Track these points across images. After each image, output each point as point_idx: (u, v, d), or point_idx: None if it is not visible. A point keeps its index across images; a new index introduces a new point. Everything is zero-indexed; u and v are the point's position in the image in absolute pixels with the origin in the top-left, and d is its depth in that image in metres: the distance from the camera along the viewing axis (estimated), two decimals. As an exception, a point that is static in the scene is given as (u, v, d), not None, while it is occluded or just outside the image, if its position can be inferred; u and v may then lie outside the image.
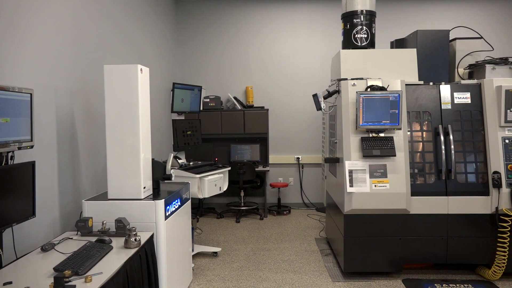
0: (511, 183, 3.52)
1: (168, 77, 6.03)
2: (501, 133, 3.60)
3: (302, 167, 6.62)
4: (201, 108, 5.90)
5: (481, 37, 4.18)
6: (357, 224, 3.67)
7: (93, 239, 2.54)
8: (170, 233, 2.95)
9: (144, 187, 2.88)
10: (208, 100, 6.28)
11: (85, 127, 3.38)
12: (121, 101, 2.81)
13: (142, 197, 2.85)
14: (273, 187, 6.41)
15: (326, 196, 4.81)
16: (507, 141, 3.59)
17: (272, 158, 6.56)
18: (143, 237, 2.61)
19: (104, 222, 2.71)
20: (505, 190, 3.53)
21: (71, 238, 2.62)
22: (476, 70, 4.03)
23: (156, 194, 3.04)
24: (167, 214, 2.88)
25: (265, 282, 3.70)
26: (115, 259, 2.27)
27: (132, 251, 2.40)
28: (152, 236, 2.73)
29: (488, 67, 3.82)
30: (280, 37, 6.53)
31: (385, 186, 3.55)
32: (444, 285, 3.57)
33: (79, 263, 2.10)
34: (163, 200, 2.82)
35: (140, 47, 4.78)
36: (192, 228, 3.86)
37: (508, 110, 3.57)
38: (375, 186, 3.56)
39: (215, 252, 4.42)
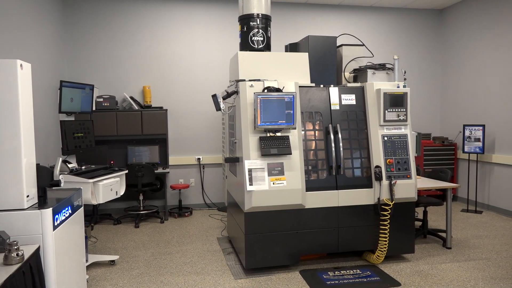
0: (390, 175, 3.95)
1: (56, 75, 5.53)
2: (381, 131, 4.02)
3: (203, 168, 6.60)
4: (94, 109, 5.53)
5: (363, 45, 4.61)
6: (257, 221, 3.78)
7: (-36, 258, 2.22)
8: (59, 244, 2.70)
9: (28, 196, 2.60)
10: (101, 99, 5.91)
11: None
12: (-3, 100, 2.49)
13: (25, 207, 2.57)
14: (173, 189, 6.29)
15: (227, 195, 4.87)
16: (385, 138, 4.02)
17: (172, 160, 6.43)
18: (27, 251, 2.35)
19: (-22, 237, 2.38)
20: (385, 182, 3.94)
21: None
22: (359, 74, 4.44)
23: (42, 202, 2.76)
24: (55, 224, 2.64)
25: (167, 287, 3.61)
26: (-8, 279, 2.01)
27: (14, 268, 2.15)
28: (38, 249, 2.48)
29: (370, 71, 4.24)
30: (178, 36, 6.43)
31: (283, 183, 3.72)
32: (336, 272, 3.86)
33: None
34: (51, 208, 2.57)
35: (20, 42, 4.30)
36: (86, 237, 3.61)
37: (386, 111, 4.00)
38: (273, 183, 3.70)
39: (112, 261, 4.18)
